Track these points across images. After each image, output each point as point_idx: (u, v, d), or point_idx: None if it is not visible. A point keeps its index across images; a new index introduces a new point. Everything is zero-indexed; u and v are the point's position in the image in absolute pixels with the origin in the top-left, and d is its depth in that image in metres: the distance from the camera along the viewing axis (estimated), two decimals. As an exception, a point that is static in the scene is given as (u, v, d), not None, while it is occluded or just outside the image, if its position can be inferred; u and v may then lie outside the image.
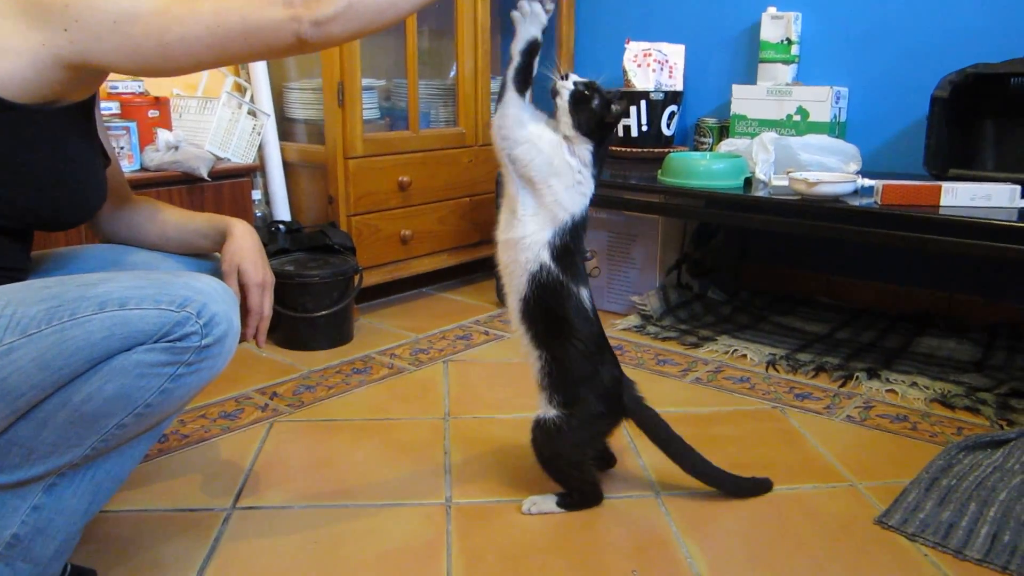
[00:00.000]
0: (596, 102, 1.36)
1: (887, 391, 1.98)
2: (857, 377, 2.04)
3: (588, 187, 1.38)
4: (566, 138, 1.37)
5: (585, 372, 1.39)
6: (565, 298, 1.38)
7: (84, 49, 1.02)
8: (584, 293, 1.40)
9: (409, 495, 1.51)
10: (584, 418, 1.40)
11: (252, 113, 2.40)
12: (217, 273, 1.37)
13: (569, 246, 1.38)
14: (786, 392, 1.98)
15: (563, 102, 1.37)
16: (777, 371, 2.12)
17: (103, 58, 1.03)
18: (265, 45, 1.05)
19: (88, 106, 1.21)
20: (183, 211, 1.45)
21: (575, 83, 1.38)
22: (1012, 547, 1.32)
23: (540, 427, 1.40)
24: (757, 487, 1.52)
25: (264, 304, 1.36)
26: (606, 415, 1.42)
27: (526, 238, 1.37)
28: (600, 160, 1.39)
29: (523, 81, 1.37)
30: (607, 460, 1.58)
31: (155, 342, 1.05)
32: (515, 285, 1.39)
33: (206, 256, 1.44)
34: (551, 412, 1.39)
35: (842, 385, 2.02)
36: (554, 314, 1.38)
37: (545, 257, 1.36)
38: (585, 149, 1.37)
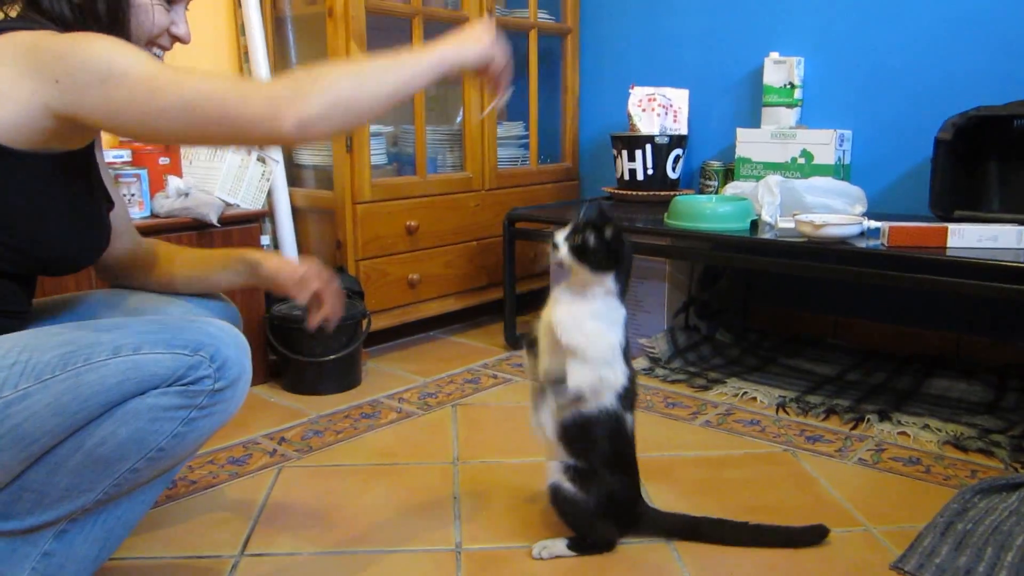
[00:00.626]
0: (593, 239, 1.33)
1: (899, 433, 1.97)
2: (868, 419, 2.03)
3: (621, 314, 1.39)
4: (587, 284, 1.36)
5: (608, 483, 1.41)
6: (613, 427, 1.40)
7: (71, 102, 1.01)
8: (629, 419, 1.42)
9: (419, 541, 1.50)
10: (599, 503, 1.42)
11: (261, 160, 2.43)
12: (224, 315, 1.38)
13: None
14: (797, 435, 1.97)
15: (567, 259, 1.35)
16: (787, 413, 2.11)
17: (88, 115, 1.03)
18: (243, 135, 1.04)
19: (88, 151, 1.22)
20: (194, 251, 1.47)
21: (565, 238, 1.36)
22: (1031, 592, 1.30)
23: (556, 491, 1.42)
24: (813, 534, 1.48)
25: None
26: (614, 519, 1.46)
27: None
28: (625, 277, 1.39)
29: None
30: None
31: (168, 386, 1.06)
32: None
33: (214, 296, 1.45)
34: (567, 483, 1.41)
35: (853, 427, 2.01)
36: (596, 436, 1.39)
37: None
38: (608, 279, 1.36)
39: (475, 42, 1.19)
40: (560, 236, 1.35)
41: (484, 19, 1.28)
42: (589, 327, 1.35)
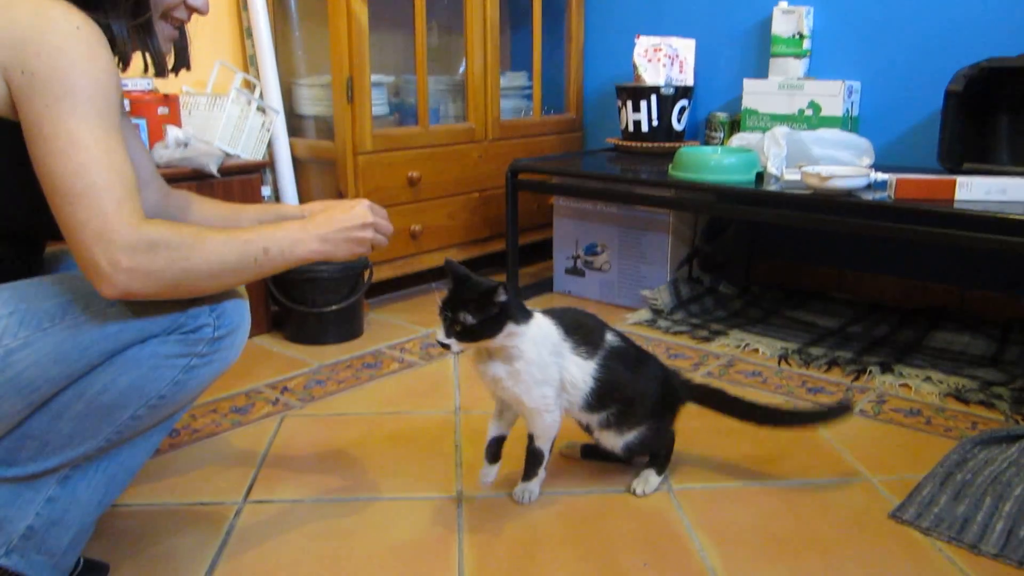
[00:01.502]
0: (470, 318, 1.26)
1: (900, 385, 1.97)
2: (870, 371, 2.03)
3: (543, 336, 1.36)
4: (497, 344, 1.30)
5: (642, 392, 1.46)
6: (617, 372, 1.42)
7: (21, 98, 0.98)
8: (610, 336, 1.45)
9: (420, 489, 1.51)
10: (658, 420, 1.48)
11: (261, 109, 2.40)
12: None
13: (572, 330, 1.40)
14: (798, 386, 1.97)
15: (463, 348, 1.29)
16: (789, 365, 2.11)
17: (22, 118, 0.99)
18: (76, 249, 0.98)
19: None
20: (227, 203, 1.44)
21: (446, 335, 1.28)
22: (1028, 541, 1.31)
23: (627, 449, 1.47)
24: (839, 411, 1.52)
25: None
26: (669, 409, 1.51)
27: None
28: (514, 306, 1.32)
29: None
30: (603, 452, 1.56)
31: (168, 334, 1.06)
32: None
33: None
34: (629, 436, 1.45)
35: (855, 379, 2.01)
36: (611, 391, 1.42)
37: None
38: (508, 328, 1.29)
39: (350, 244, 1.19)
40: (440, 335, 1.29)
41: (358, 204, 1.24)
42: (536, 394, 1.34)
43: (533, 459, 1.44)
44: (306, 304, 2.23)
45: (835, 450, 1.65)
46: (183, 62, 1.26)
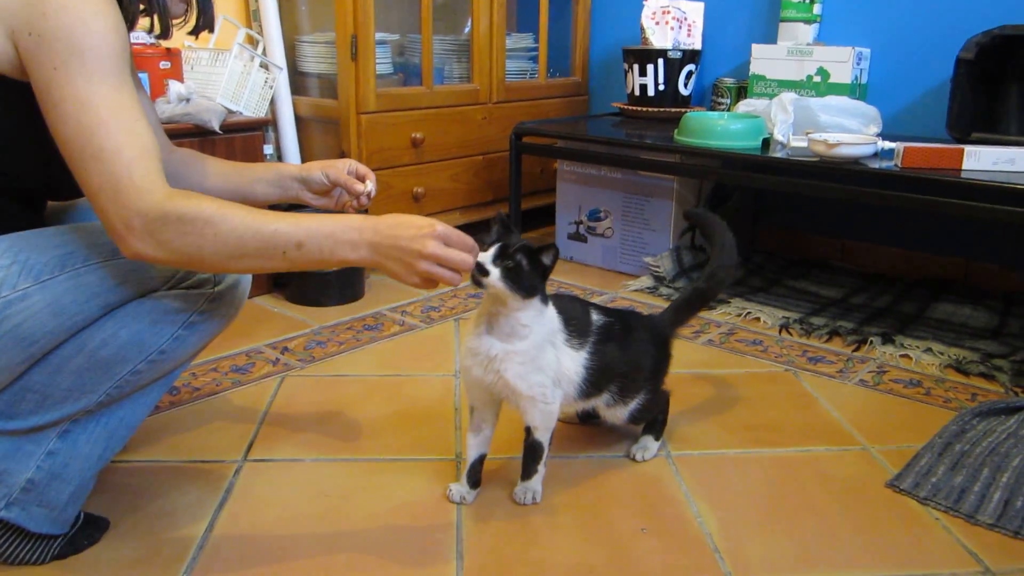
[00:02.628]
0: (526, 263, 1.20)
1: (901, 356, 1.97)
2: (871, 342, 2.03)
3: (556, 325, 1.32)
4: (514, 311, 1.24)
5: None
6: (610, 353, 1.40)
7: (30, 62, 0.97)
8: (594, 316, 1.40)
9: (419, 450, 1.51)
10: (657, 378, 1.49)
11: (264, 66, 2.37)
12: None
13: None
14: (799, 355, 1.97)
15: (498, 286, 1.19)
16: (790, 334, 2.11)
17: (33, 83, 0.98)
18: (98, 209, 0.98)
19: None
20: (228, 162, 1.42)
21: (493, 260, 1.19)
22: (1025, 512, 1.31)
23: (633, 416, 1.47)
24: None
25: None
26: (663, 369, 1.52)
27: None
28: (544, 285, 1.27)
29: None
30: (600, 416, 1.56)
31: (168, 289, 1.05)
32: None
33: None
34: (632, 405, 1.45)
35: (856, 349, 2.01)
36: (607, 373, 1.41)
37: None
38: (536, 300, 1.24)
39: (406, 271, 1.07)
40: (487, 257, 1.18)
41: (430, 228, 1.08)
42: (534, 381, 1.28)
43: (533, 453, 1.35)
44: (307, 264, 2.22)
45: (834, 419, 1.66)
46: (207, 23, 1.23)
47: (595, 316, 1.40)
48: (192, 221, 0.97)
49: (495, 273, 1.18)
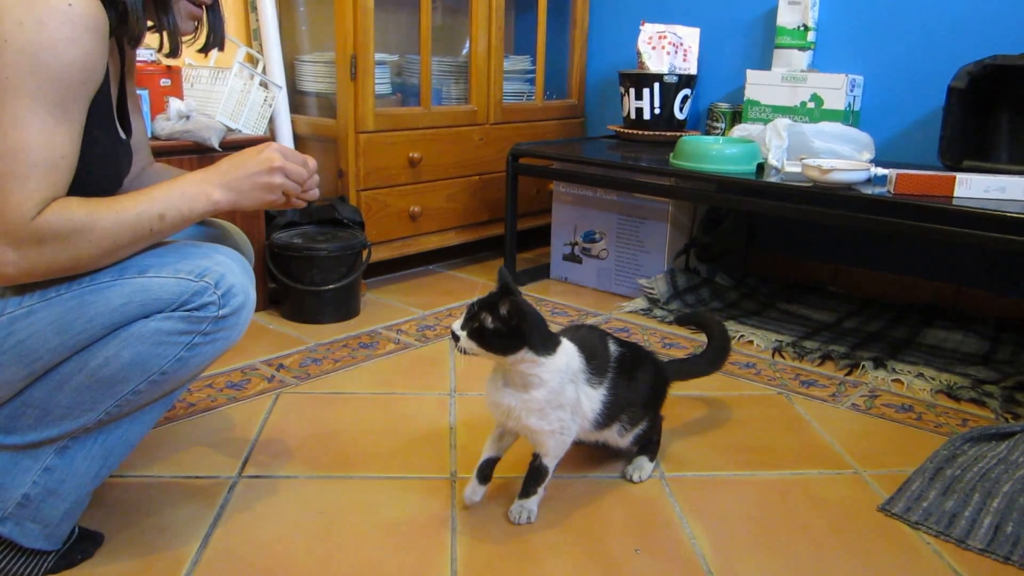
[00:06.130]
0: (489, 321, 1.21)
1: (893, 381, 1.98)
2: (863, 366, 2.04)
3: (557, 370, 1.29)
4: (511, 365, 1.25)
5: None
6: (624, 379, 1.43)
7: None
8: (612, 347, 1.43)
9: (414, 469, 1.52)
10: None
11: (264, 85, 2.39)
12: (217, 238, 1.36)
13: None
14: (792, 379, 1.99)
15: (469, 347, 1.22)
16: (783, 358, 2.12)
17: None
18: None
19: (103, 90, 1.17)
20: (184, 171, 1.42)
21: (462, 326, 1.23)
22: (1015, 538, 1.32)
23: (640, 443, 1.51)
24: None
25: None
26: (661, 396, 1.55)
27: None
28: (540, 336, 1.26)
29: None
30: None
31: (173, 310, 1.06)
32: None
33: (209, 223, 1.42)
34: (637, 431, 1.47)
35: (848, 374, 2.02)
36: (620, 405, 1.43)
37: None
38: (523, 353, 1.23)
39: (257, 191, 1.11)
40: (457, 325, 1.24)
41: (266, 148, 1.14)
42: (553, 417, 1.29)
43: (536, 476, 1.36)
44: (304, 282, 2.23)
45: (826, 442, 1.67)
46: (217, 41, 1.24)
47: (612, 347, 1.42)
48: (68, 236, 0.98)
49: (464, 338, 1.22)
